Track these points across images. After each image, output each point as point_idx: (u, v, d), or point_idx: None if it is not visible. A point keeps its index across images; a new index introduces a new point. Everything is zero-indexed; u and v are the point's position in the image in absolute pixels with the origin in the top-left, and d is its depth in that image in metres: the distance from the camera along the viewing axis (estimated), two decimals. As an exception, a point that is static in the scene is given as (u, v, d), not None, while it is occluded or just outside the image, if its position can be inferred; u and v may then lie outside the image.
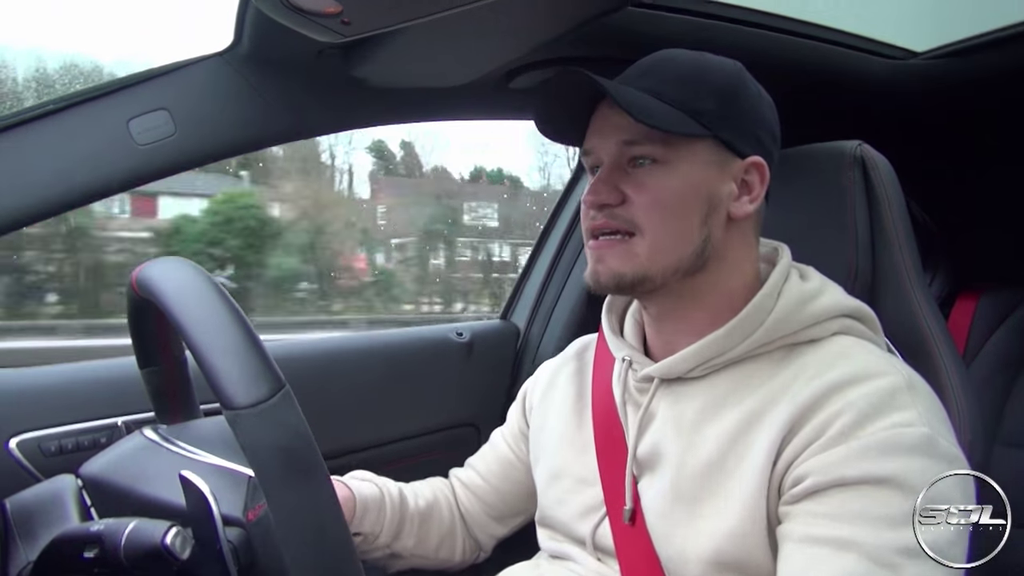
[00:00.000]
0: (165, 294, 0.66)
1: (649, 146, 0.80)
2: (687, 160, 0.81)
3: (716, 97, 0.81)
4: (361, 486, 1.02)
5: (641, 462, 0.86)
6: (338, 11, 0.81)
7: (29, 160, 0.96)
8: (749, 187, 0.84)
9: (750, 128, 0.83)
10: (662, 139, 0.80)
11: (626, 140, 0.81)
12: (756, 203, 0.84)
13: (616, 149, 0.83)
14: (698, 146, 0.81)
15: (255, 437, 0.58)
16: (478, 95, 1.25)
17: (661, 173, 0.81)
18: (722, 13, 1.16)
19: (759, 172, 0.84)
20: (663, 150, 0.80)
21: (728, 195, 0.83)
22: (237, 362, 0.60)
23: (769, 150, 0.85)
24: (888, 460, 0.68)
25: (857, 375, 0.74)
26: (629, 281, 0.82)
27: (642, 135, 0.80)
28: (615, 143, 0.82)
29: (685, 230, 0.81)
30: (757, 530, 0.74)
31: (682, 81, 0.82)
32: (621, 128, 0.81)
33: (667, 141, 0.80)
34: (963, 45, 1.37)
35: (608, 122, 0.84)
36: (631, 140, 0.81)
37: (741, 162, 0.83)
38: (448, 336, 1.58)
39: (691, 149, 0.81)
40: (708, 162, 0.81)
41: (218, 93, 1.07)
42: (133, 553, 0.64)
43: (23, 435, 1.08)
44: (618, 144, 0.82)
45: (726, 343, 0.81)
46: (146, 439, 0.81)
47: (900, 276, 0.96)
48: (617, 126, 0.82)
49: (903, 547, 0.66)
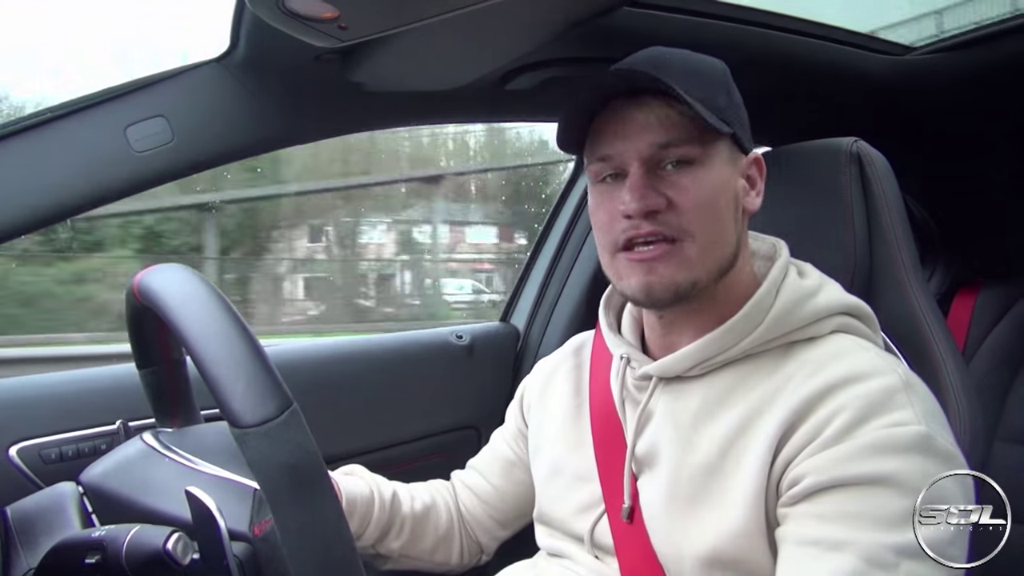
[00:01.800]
0: (170, 307, 0.65)
1: (687, 147, 0.78)
2: (716, 158, 0.80)
3: (724, 93, 0.82)
4: (352, 484, 1.00)
5: (640, 460, 0.86)
6: (335, 16, 0.81)
7: (27, 168, 0.96)
8: (752, 182, 0.85)
9: (746, 125, 0.85)
10: (698, 138, 0.78)
11: (661, 143, 0.78)
12: (760, 197, 0.86)
13: (648, 152, 0.78)
14: (721, 144, 0.81)
15: (263, 456, 0.58)
16: (475, 97, 1.25)
17: (699, 173, 0.78)
18: (718, 12, 1.16)
19: (759, 167, 0.86)
20: (699, 150, 0.78)
21: (742, 191, 0.84)
22: (244, 380, 0.60)
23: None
24: (885, 459, 0.68)
25: (854, 374, 0.74)
26: (685, 290, 0.79)
27: (680, 136, 0.77)
28: (647, 145, 0.78)
29: (725, 230, 0.80)
30: (756, 530, 0.74)
31: (694, 76, 0.80)
32: (650, 128, 0.78)
33: (702, 140, 0.78)
34: (957, 40, 1.38)
35: (633, 123, 0.79)
36: (667, 142, 0.77)
37: (746, 158, 0.84)
38: (448, 339, 1.58)
39: (717, 147, 0.80)
40: (726, 160, 0.82)
41: (215, 99, 1.07)
42: (135, 559, 0.64)
43: (24, 442, 1.08)
44: (650, 146, 0.78)
45: (725, 341, 0.81)
46: (146, 446, 0.81)
47: (898, 272, 0.96)
48: (646, 126, 0.78)
49: (900, 547, 0.66)
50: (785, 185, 0.92)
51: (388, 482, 1.07)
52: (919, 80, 1.43)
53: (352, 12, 0.81)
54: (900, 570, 0.65)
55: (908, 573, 0.65)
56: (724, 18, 1.17)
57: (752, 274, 0.87)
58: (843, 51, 1.34)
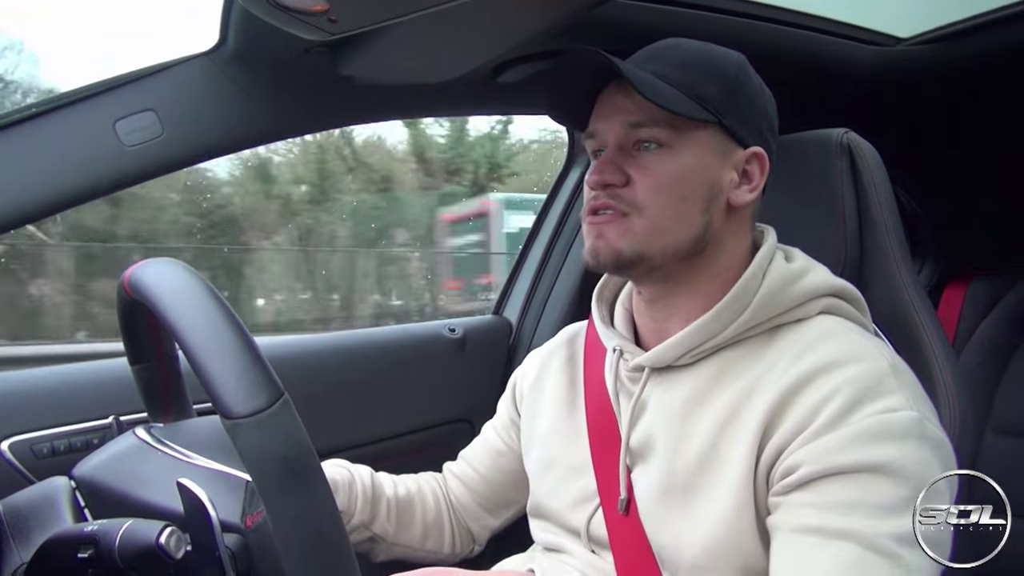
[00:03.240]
0: (160, 300, 0.65)
1: (656, 129, 0.80)
2: (692, 146, 0.81)
3: (720, 84, 0.82)
4: (330, 470, 1.01)
5: (634, 452, 0.86)
6: (325, 9, 0.81)
7: (15, 163, 0.96)
8: (749, 176, 0.85)
9: (753, 119, 0.84)
10: (669, 123, 0.80)
11: (632, 122, 0.81)
12: (755, 193, 0.85)
13: (622, 131, 0.82)
14: (703, 133, 0.81)
15: (254, 447, 0.58)
16: (467, 90, 1.25)
17: (666, 157, 0.81)
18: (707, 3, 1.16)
19: (760, 163, 0.85)
20: (669, 134, 0.80)
21: (729, 183, 0.83)
22: (235, 371, 0.60)
23: (769, 143, 0.86)
24: (880, 446, 0.68)
25: (839, 358, 0.74)
26: (627, 258, 0.81)
27: (649, 117, 0.80)
28: (620, 124, 0.82)
29: (686, 214, 0.81)
30: (746, 518, 0.74)
31: (688, 66, 0.82)
32: (627, 110, 0.81)
33: (673, 125, 0.80)
34: (948, 30, 1.38)
35: (614, 104, 0.83)
36: (637, 123, 0.81)
37: (743, 151, 0.84)
38: (440, 332, 1.58)
39: (696, 135, 0.81)
40: (712, 149, 0.82)
41: (205, 93, 1.06)
42: (128, 553, 0.64)
43: (15, 437, 1.08)
44: (623, 126, 0.82)
45: (713, 327, 0.81)
46: (139, 440, 0.81)
47: (888, 264, 0.96)
48: (622, 108, 0.82)
49: (900, 535, 0.66)
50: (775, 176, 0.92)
51: (368, 468, 1.08)
52: (910, 71, 1.44)
53: (342, 5, 0.81)
54: (903, 559, 0.66)
55: (909, 560, 0.66)
56: (713, 9, 1.17)
57: (745, 264, 0.86)
58: (833, 42, 1.35)
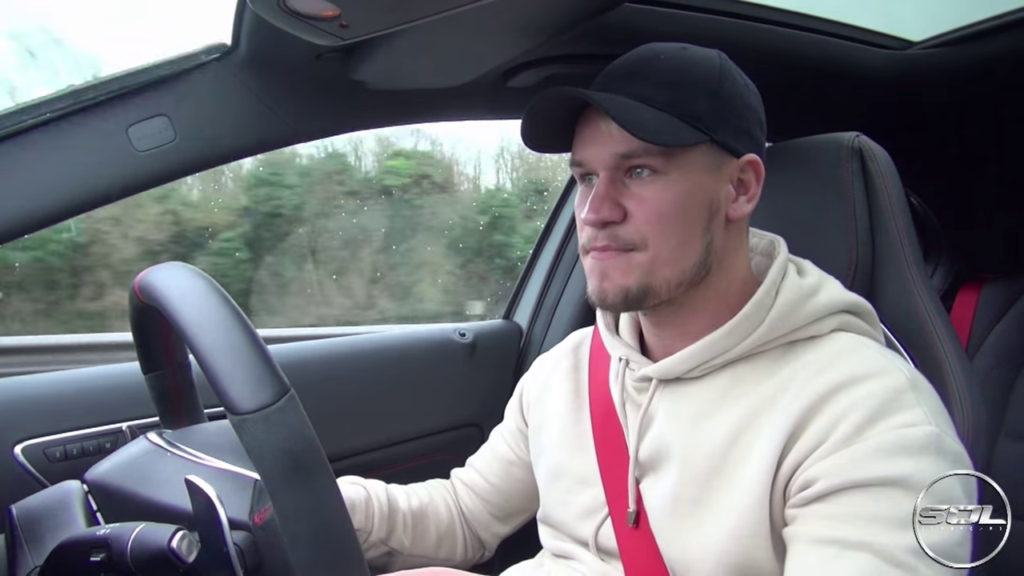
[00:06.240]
0: (169, 300, 0.66)
1: (648, 157, 0.77)
2: (686, 167, 0.78)
3: (707, 95, 0.78)
4: (345, 488, 1.01)
5: (643, 464, 0.85)
6: (336, 14, 0.81)
7: (29, 168, 0.97)
8: (746, 186, 0.83)
9: (742, 124, 0.81)
10: (661, 150, 0.77)
11: (623, 153, 0.78)
12: (753, 202, 0.83)
13: (612, 161, 0.79)
14: (696, 152, 0.78)
15: (261, 442, 0.58)
16: (477, 94, 1.25)
17: (661, 183, 0.78)
18: (719, 7, 1.16)
19: (755, 170, 0.82)
20: (662, 160, 0.77)
21: (726, 197, 0.81)
22: (241, 367, 0.60)
23: (760, 143, 0.84)
24: (898, 460, 0.68)
25: (858, 374, 0.73)
26: (635, 294, 0.79)
27: (640, 147, 0.77)
28: (610, 155, 0.79)
29: (687, 241, 0.79)
30: (760, 531, 0.73)
31: (671, 83, 0.78)
32: (616, 139, 0.78)
33: (666, 151, 0.77)
34: (959, 34, 1.37)
35: (600, 132, 0.79)
36: (628, 153, 0.77)
37: (736, 161, 0.81)
38: (451, 336, 1.59)
39: (689, 156, 0.78)
40: (706, 166, 0.79)
41: (217, 98, 1.07)
42: (139, 557, 0.64)
43: (28, 441, 1.08)
44: (613, 156, 0.78)
45: (726, 343, 0.80)
46: (151, 444, 0.81)
47: (901, 268, 0.96)
48: (611, 136, 0.78)
49: (917, 548, 0.65)
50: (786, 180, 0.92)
51: (382, 483, 1.08)
52: (921, 75, 1.43)
53: (353, 10, 0.81)
54: (920, 571, 0.65)
55: (925, 573, 0.65)
56: (724, 13, 1.17)
57: (748, 272, 0.86)
58: (845, 46, 1.34)
